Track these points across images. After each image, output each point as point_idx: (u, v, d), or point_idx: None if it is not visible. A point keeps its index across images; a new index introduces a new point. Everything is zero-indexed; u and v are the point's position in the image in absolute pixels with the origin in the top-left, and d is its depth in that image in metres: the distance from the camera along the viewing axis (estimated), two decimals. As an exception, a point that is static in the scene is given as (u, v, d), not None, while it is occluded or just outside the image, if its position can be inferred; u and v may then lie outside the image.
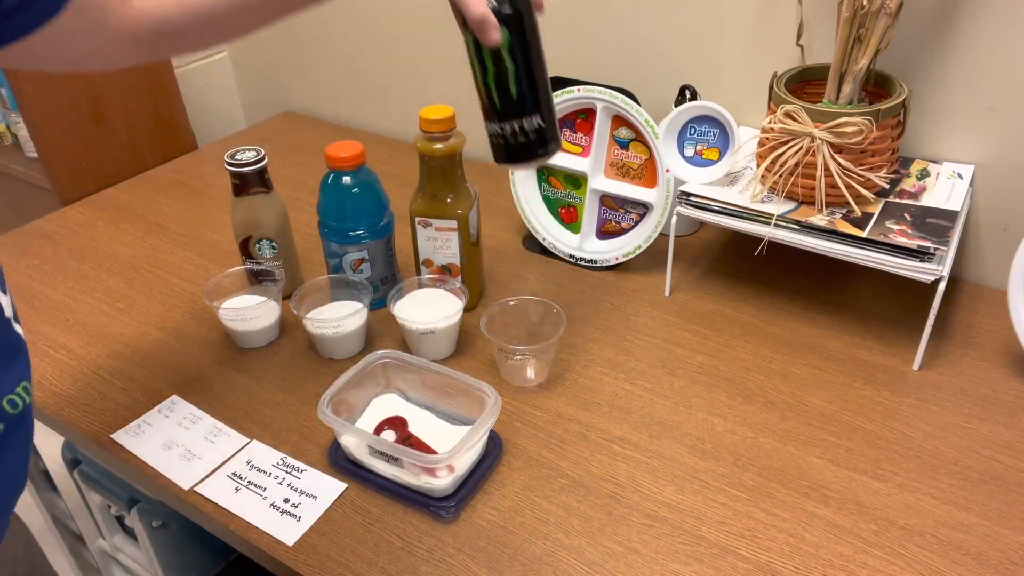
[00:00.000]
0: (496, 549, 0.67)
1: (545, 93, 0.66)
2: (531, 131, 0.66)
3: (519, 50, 0.64)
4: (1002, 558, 0.64)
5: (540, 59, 0.65)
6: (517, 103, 0.65)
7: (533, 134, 0.67)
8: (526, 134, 0.66)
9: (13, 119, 1.41)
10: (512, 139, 0.67)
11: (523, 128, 0.66)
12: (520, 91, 0.65)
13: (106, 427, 0.80)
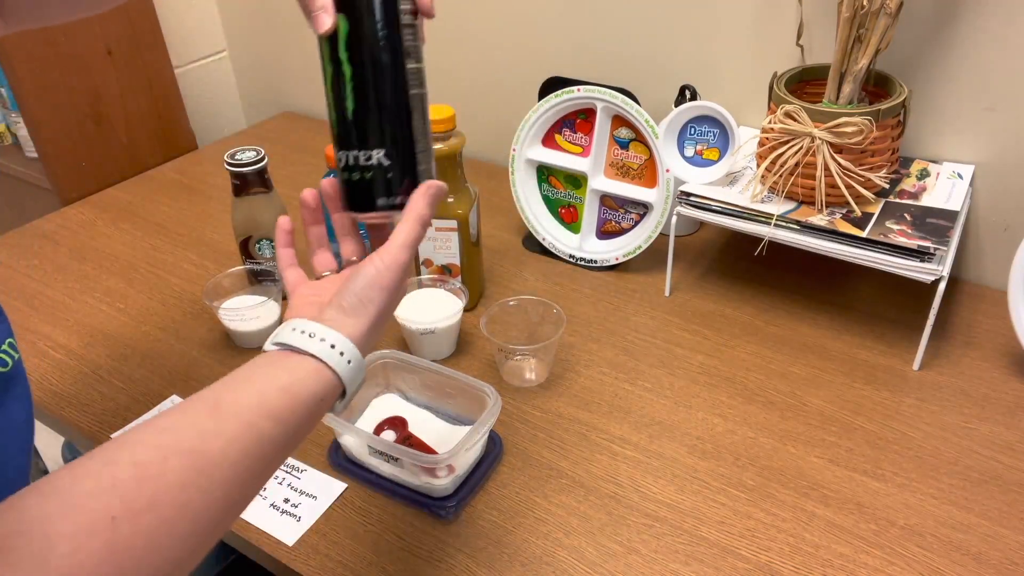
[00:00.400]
0: (496, 549, 0.67)
1: (399, 123, 0.50)
2: (369, 170, 0.50)
3: (362, 53, 0.48)
4: (1002, 558, 0.64)
5: (399, 74, 0.49)
6: (354, 126, 0.50)
7: (371, 175, 0.50)
8: (362, 172, 0.50)
9: (13, 119, 1.41)
10: (348, 174, 0.51)
11: (358, 163, 0.50)
12: (358, 111, 0.49)
13: (106, 427, 0.80)
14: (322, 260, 0.57)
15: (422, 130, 0.52)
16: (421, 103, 0.51)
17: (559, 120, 1.02)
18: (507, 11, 1.20)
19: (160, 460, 0.38)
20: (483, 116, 1.26)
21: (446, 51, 1.27)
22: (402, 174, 0.51)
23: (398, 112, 0.50)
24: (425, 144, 0.52)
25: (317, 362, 0.46)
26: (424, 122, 0.52)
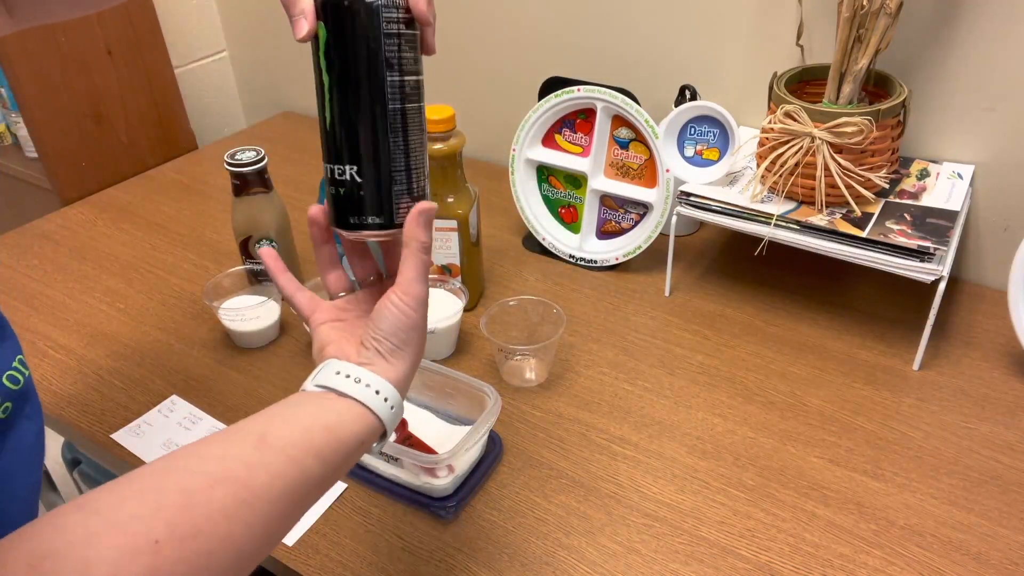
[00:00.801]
0: (496, 549, 0.67)
1: (373, 139, 0.47)
2: (344, 185, 0.48)
3: (338, 63, 0.46)
4: (1002, 558, 0.64)
5: (376, 87, 0.46)
6: (332, 138, 0.48)
7: (344, 191, 0.48)
8: (337, 187, 0.49)
9: (13, 119, 1.41)
10: (331, 187, 0.50)
11: (335, 177, 0.49)
12: (334, 122, 0.48)
13: (106, 427, 0.80)
14: (335, 280, 0.56)
15: (402, 148, 0.48)
16: (404, 118, 0.48)
17: (559, 120, 1.02)
18: (507, 11, 1.20)
19: (207, 488, 0.38)
20: (483, 116, 1.26)
21: (446, 51, 1.27)
22: (376, 193, 0.48)
23: (372, 127, 0.47)
24: (406, 163, 0.48)
25: (361, 406, 0.46)
26: (408, 139, 0.48)
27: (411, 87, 0.48)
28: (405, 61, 0.47)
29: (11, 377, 0.48)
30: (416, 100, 0.48)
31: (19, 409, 0.48)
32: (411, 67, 0.47)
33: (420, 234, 0.48)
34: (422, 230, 0.48)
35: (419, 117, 0.49)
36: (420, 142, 0.49)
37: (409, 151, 0.49)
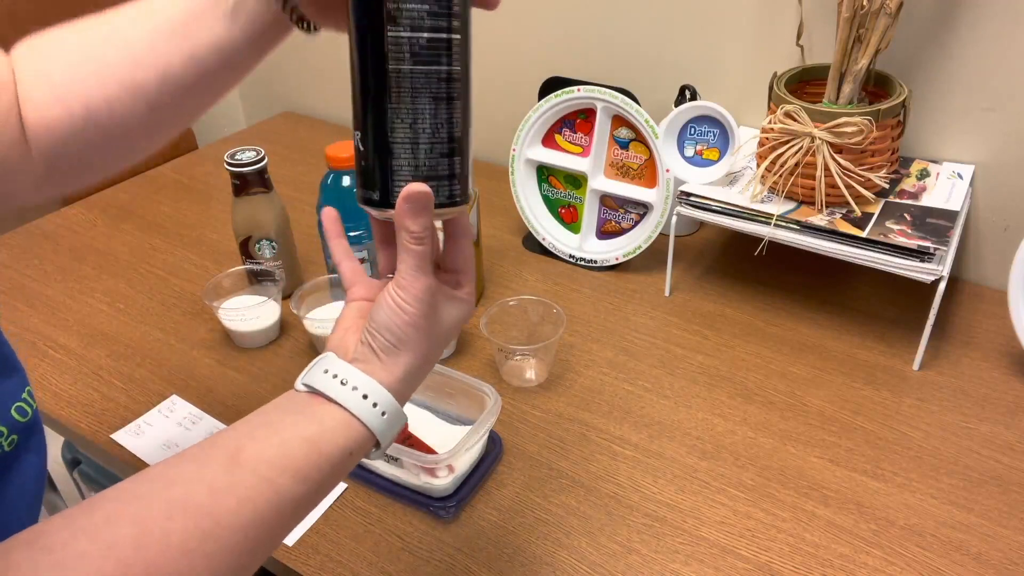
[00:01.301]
0: (496, 549, 0.67)
1: (369, 106, 0.43)
2: (356, 152, 0.45)
3: (352, 13, 0.42)
4: (1002, 558, 0.64)
5: (377, 48, 0.41)
6: (353, 103, 0.45)
7: (357, 157, 0.45)
8: (357, 156, 0.45)
9: (13, 119, 1.41)
10: (356, 158, 0.46)
11: (355, 145, 0.45)
12: (354, 89, 0.44)
13: (106, 427, 0.80)
14: (352, 269, 0.51)
15: (405, 116, 0.42)
16: (412, 82, 0.41)
17: (559, 120, 1.02)
18: (507, 11, 1.20)
19: (164, 519, 0.35)
20: (483, 116, 1.25)
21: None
22: (374, 166, 0.43)
23: (369, 89, 0.42)
24: (409, 134, 0.42)
25: (347, 414, 0.41)
26: (415, 106, 0.42)
27: (423, 46, 0.41)
28: (415, 14, 0.40)
29: (19, 409, 0.47)
30: (436, 62, 0.41)
31: (24, 442, 0.47)
32: (426, 22, 0.41)
33: (407, 222, 0.42)
34: (409, 218, 0.42)
35: (439, 84, 0.42)
36: (436, 112, 0.42)
37: (416, 121, 0.42)
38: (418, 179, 0.43)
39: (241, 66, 0.50)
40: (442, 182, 0.44)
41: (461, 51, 0.42)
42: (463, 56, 0.43)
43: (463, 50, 0.42)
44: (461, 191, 0.45)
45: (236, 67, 0.50)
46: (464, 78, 0.43)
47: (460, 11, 0.42)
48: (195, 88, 0.49)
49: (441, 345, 0.47)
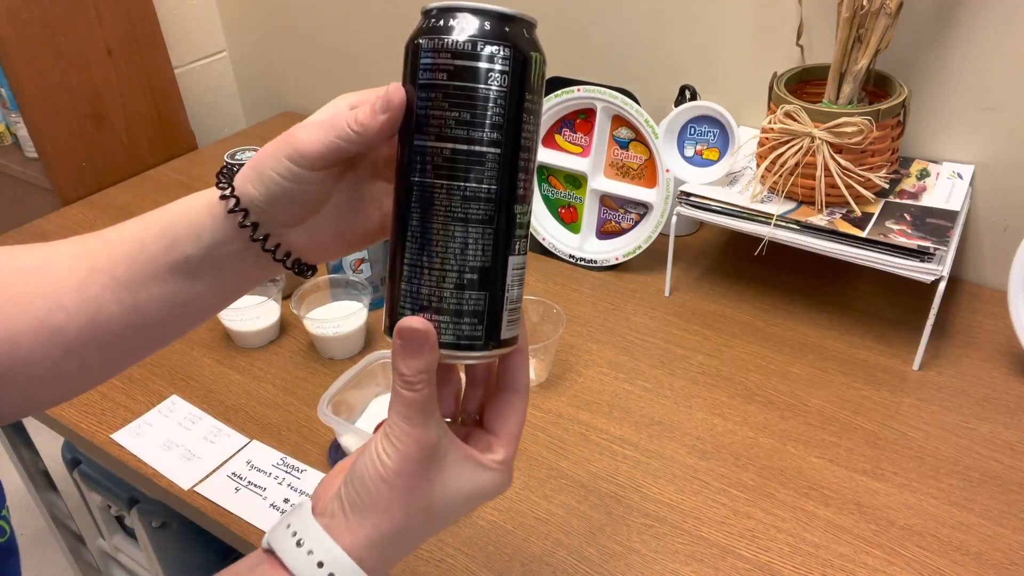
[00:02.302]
0: (496, 549, 0.67)
1: (396, 226, 0.38)
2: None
3: (400, 137, 0.38)
4: (1002, 558, 0.64)
5: (403, 155, 0.37)
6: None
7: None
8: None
9: (13, 119, 1.41)
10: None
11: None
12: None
13: (106, 427, 0.80)
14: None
15: (414, 235, 0.36)
16: (429, 197, 0.36)
17: (559, 120, 1.02)
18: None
19: None
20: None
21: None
22: (388, 288, 0.38)
23: (394, 199, 0.38)
24: (416, 258, 0.36)
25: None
26: (426, 225, 0.36)
27: (446, 158, 0.35)
28: (443, 122, 0.35)
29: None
30: (460, 177, 0.35)
31: (2, 563, 0.46)
32: (453, 132, 0.35)
33: (397, 362, 0.35)
34: (399, 357, 0.35)
35: (462, 203, 0.36)
36: (454, 235, 0.36)
37: (429, 242, 0.36)
38: (420, 311, 0.36)
39: (199, 316, 0.44)
40: (452, 319, 0.36)
41: (501, 168, 0.36)
42: (504, 174, 0.36)
43: (505, 167, 0.36)
44: (483, 334, 0.37)
45: (193, 318, 0.44)
46: (501, 200, 0.36)
47: (506, 123, 0.36)
48: (130, 340, 0.42)
49: (436, 518, 0.37)
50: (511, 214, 0.37)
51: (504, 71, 0.35)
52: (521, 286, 0.39)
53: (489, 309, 0.37)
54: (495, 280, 0.37)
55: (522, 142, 0.36)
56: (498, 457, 0.38)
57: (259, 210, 0.39)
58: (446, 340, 0.36)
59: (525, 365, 0.40)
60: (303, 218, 0.41)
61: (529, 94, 0.36)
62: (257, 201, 0.39)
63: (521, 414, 0.40)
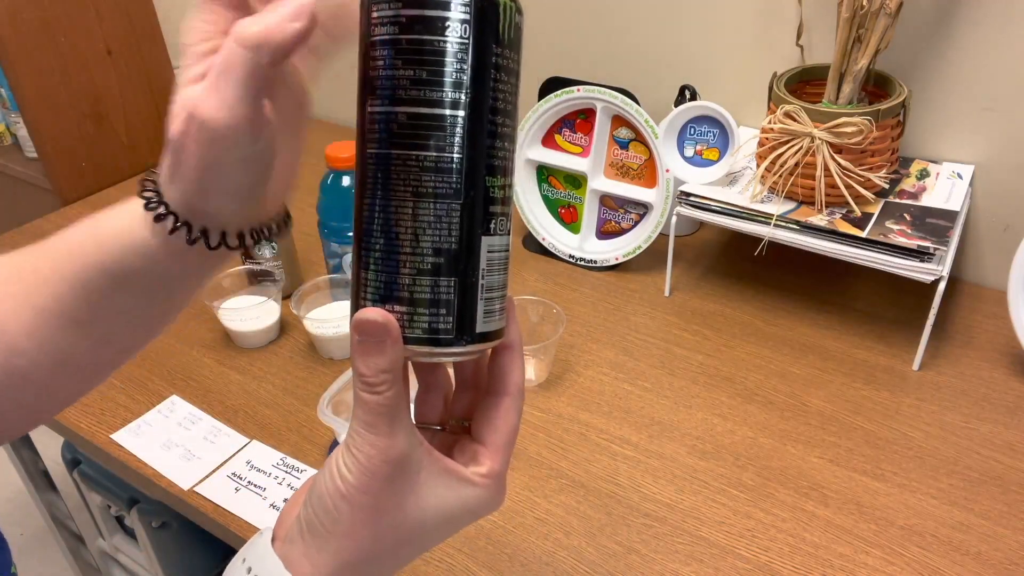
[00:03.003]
0: (496, 549, 0.67)
1: (357, 208, 0.33)
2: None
3: (359, 104, 0.33)
4: (1002, 558, 0.64)
5: (360, 123, 0.32)
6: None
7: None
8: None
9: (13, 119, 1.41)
10: None
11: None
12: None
13: (106, 427, 0.80)
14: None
15: (374, 214, 0.31)
16: (385, 169, 0.31)
17: (559, 120, 1.02)
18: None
19: None
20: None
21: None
22: (352, 277, 0.33)
23: (355, 178, 0.33)
24: (379, 240, 0.31)
25: None
26: (388, 202, 0.31)
27: (403, 124, 0.31)
28: (397, 83, 0.30)
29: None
30: (419, 146, 0.31)
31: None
32: (409, 93, 0.30)
33: (355, 361, 0.31)
34: (358, 355, 0.31)
35: (424, 175, 0.31)
36: (417, 213, 0.31)
37: (389, 222, 0.31)
38: (380, 301, 0.32)
39: (177, 308, 0.39)
40: (416, 309, 0.31)
41: (466, 134, 0.31)
42: (471, 141, 0.31)
43: (471, 133, 0.31)
44: (453, 327, 0.32)
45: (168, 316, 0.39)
46: (469, 170, 0.31)
47: (471, 81, 0.31)
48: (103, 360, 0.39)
49: (412, 541, 0.33)
50: (482, 187, 0.32)
51: (464, 20, 0.30)
52: (503, 272, 0.34)
53: (459, 298, 0.32)
54: (465, 264, 0.32)
55: (492, 103, 0.31)
56: (482, 470, 0.34)
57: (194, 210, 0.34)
58: (411, 335, 0.31)
59: (516, 365, 0.35)
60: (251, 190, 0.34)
61: (498, 47, 0.31)
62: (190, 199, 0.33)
63: (511, 421, 0.35)
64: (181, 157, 0.31)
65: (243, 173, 0.33)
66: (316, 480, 0.32)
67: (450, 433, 0.38)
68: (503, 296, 0.34)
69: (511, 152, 0.34)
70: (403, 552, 0.33)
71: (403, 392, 0.32)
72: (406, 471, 0.31)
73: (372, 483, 0.31)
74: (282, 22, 0.29)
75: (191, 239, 0.33)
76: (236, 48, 0.29)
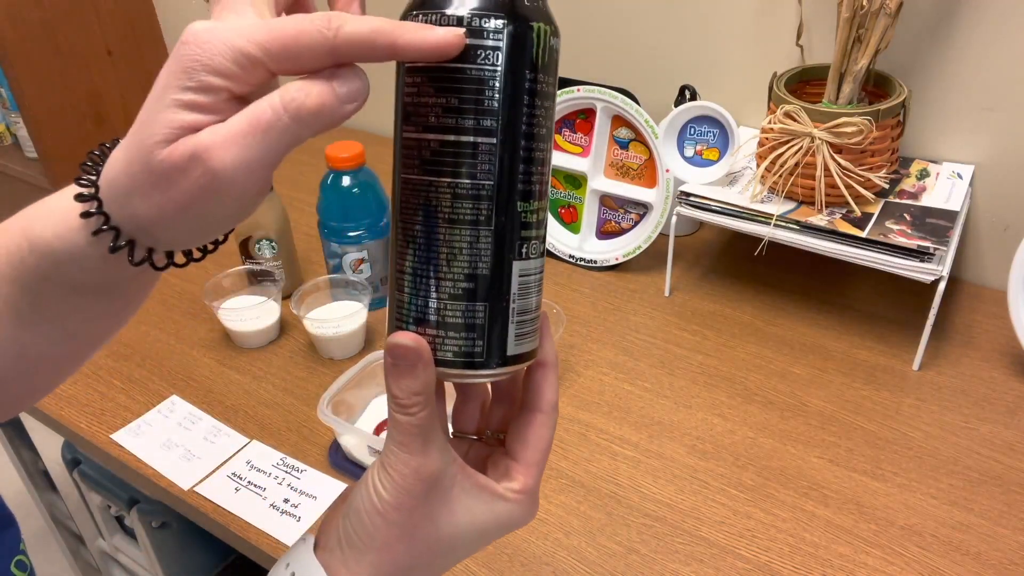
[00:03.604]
0: (496, 549, 0.67)
1: (393, 232, 0.34)
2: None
3: (395, 131, 0.33)
4: (1002, 558, 0.64)
5: (396, 150, 0.33)
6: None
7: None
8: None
9: (13, 119, 1.41)
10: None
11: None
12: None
13: (106, 427, 0.80)
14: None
15: (411, 240, 0.32)
16: (416, 195, 0.32)
17: (559, 120, 1.02)
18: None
19: None
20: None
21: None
22: (389, 299, 0.34)
23: (392, 203, 0.34)
24: (412, 263, 0.32)
25: None
26: (417, 228, 0.32)
27: (434, 150, 0.31)
28: (429, 110, 0.31)
29: (19, 563, 0.46)
30: (448, 173, 0.31)
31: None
32: (440, 120, 0.31)
33: (388, 382, 0.32)
34: (391, 377, 0.32)
35: (453, 201, 0.31)
36: (449, 239, 0.31)
37: (420, 247, 0.32)
38: (413, 324, 0.32)
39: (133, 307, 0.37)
40: (448, 333, 0.32)
41: (497, 161, 0.31)
42: (503, 168, 0.31)
43: (502, 160, 0.31)
44: (484, 350, 0.33)
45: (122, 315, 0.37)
46: (500, 197, 0.31)
47: (503, 108, 0.31)
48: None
49: (446, 553, 0.34)
50: (514, 213, 0.32)
51: (496, 47, 0.30)
52: (536, 295, 0.34)
53: (491, 322, 0.32)
54: (496, 289, 0.32)
55: (525, 129, 0.32)
56: (515, 485, 0.34)
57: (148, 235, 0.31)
58: (444, 357, 0.32)
59: (550, 382, 0.36)
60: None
61: (531, 72, 0.32)
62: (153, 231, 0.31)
63: (545, 438, 0.35)
64: (163, 189, 0.29)
65: (224, 220, 0.31)
66: (353, 495, 0.33)
67: (485, 444, 0.38)
68: (536, 318, 0.34)
69: (545, 175, 0.34)
70: (437, 563, 0.34)
71: (436, 412, 0.32)
72: (439, 488, 0.33)
73: (406, 500, 0.32)
74: (340, 103, 0.28)
75: (135, 261, 0.31)
76: (280, 110, 0.27)
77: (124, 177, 0.30)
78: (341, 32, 0.27)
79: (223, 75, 0.27)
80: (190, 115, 0.27)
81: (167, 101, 0.28)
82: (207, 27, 0.27)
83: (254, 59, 0.27)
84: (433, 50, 0.29)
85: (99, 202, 0.31)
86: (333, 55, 0.28)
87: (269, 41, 0.27)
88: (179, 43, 0.28)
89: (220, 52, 0.27)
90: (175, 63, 0.28)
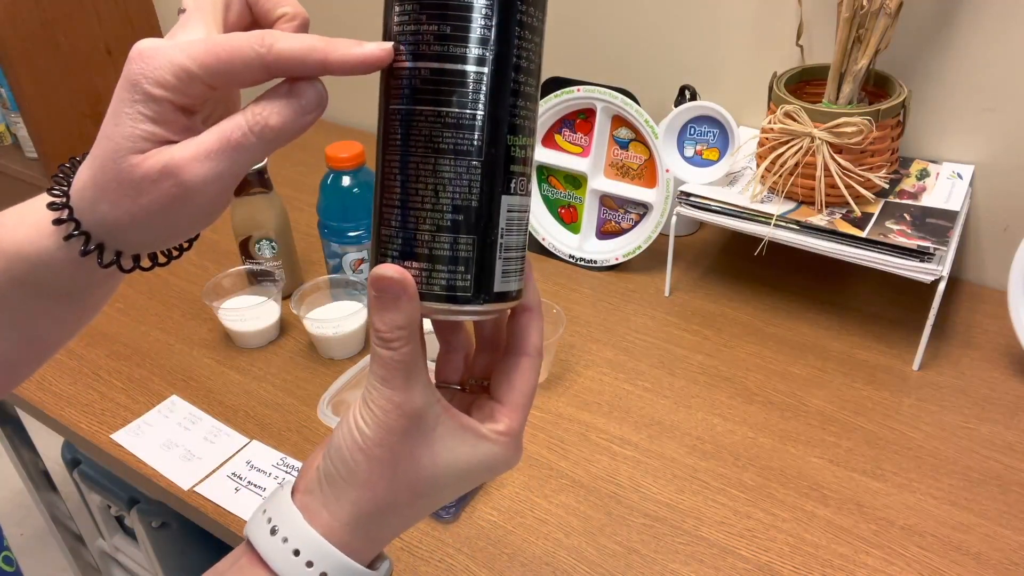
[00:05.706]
0: (496, 549, 0.67)
1: (378, 165, 0.33)
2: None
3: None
4: (1002, 558, 0.64)
5: (393, 100, 0.32)
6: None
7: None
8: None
9: (13, 119, 1.41)
10: None
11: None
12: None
13: (106, 427, 0.80)
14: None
15: (396, 170, 0.32)
16: (406, 125, 0.32)
17: (559, 120, 1.02)
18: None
19: None
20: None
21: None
22: (373, 232, 0.34)
23: (377, 136, 0.33)
24: (399, 195, 0.32)
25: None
26: (407, 158, 0.32)
27: (426, 79, 0.31)
28: (420, 38, 0.31)
29: (7, 559, 0.46)
30: (440, 102, 0.31)
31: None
32: (432, 49, 0.31)
33: (372, 316, 0.32)
34: (375, 310, 0.31)
35: (444, 131, 0.31)
36: (437, 169, 0.31)
37: (409, 178, 0.32)
38: (398, 258, 0.32)
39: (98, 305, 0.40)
40: (434, 266, 0.32)
41: (489, 90, 0.31)
42: (494, 98, 0.31)
43: (493, 90, 0.31)
44: (471, 285, 0.32)
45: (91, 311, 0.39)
46: (490, 128, 0.31)
47: (495, 37, 0.31)
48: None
49: (428, 494, 0.34)
50: (504, 146, 0.32)
51: None
52: (522, 233, 0.34)
53: (478, 256, 0.32)
54: (485, 222, 0.32)
55: (515, 61, 0.31)
56: (499, 427, 0.34)
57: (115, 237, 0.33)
58: (430, 292, 0.32)
59: (535, 326, 0.36)
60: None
61: (523, 4, 0.31)
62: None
63: (530, 380, 0.36)
64: (133, 197, 0.31)
65: (189, 226, 0.34)
66: (335, 433, 0.33)
67: (469, 393, 0.38)
68: (522, 257, 0.34)
69: (534, 112, 0.34)
70: (419, 504, 0.34)
71: (419, 350, 0.32)
72: (422, 426, 0.32)
73: (388, 436, 0.32)
74: (300, 115, 0.31)
75: (104, 263, 0.33)
76: (247, 131, 0.30)
77: (92, 186, 0.31)
78: (274, 49, 0.29)
79: (164, 87, 0.29)
80: (146, 126, 0.30)
81: (122, 115, 0.30)
82: (152, 44, 0.30)
83: (192, 73, 0.29)
84: (361, 64, 0.30)
85: (70, 209, 0.32)
86: (267, 71, 0.30)
87: (205, 56, 0.29)
88: (127, 60, 0.30)
89: (162, 67, 0.29)
90: (124, 79, 0.30)
